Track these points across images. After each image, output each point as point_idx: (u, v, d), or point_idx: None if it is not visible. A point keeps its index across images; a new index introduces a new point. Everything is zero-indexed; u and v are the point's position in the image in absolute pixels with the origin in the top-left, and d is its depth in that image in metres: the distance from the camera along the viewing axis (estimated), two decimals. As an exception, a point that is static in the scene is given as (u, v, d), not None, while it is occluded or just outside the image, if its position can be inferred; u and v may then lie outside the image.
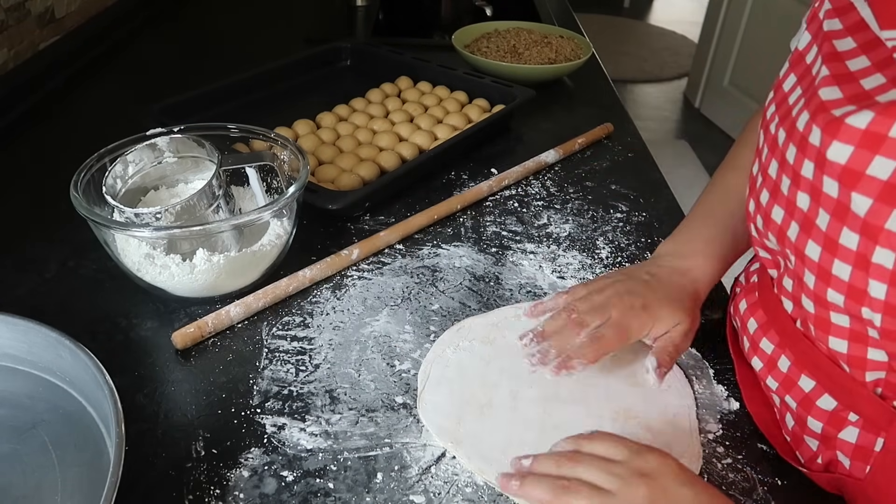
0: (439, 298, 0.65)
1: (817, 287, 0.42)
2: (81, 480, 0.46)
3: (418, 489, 0.47)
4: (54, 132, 0.93)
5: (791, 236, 0.43)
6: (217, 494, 0.46)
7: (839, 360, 0.44)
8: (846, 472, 0.47)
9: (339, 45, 1.15)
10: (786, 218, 0.44)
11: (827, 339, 0.44)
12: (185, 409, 0.52)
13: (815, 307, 0.43)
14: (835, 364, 0.45)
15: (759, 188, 0.48)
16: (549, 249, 0.72)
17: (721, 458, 0.50)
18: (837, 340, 0.43)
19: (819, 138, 0.38)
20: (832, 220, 0.39)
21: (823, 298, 0.42)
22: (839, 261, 0.39)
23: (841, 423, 0.46)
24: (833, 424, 0.47)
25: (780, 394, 0.50)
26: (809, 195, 0.41)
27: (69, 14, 1.15)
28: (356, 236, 0.73)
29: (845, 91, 0.38)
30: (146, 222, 0.57)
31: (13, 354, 0.53)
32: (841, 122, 0.37)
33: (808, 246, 0.41)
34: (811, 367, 0.47)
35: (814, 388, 0.47)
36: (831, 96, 0.39)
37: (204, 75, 1.08)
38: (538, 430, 0.51)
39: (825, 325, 0.43)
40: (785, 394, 0.50)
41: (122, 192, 0.62)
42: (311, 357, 0.57)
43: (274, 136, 0.69)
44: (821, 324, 0.44)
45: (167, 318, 0.61)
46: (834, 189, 0.38)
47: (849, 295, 0.40)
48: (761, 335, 0.52)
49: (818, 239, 0.41)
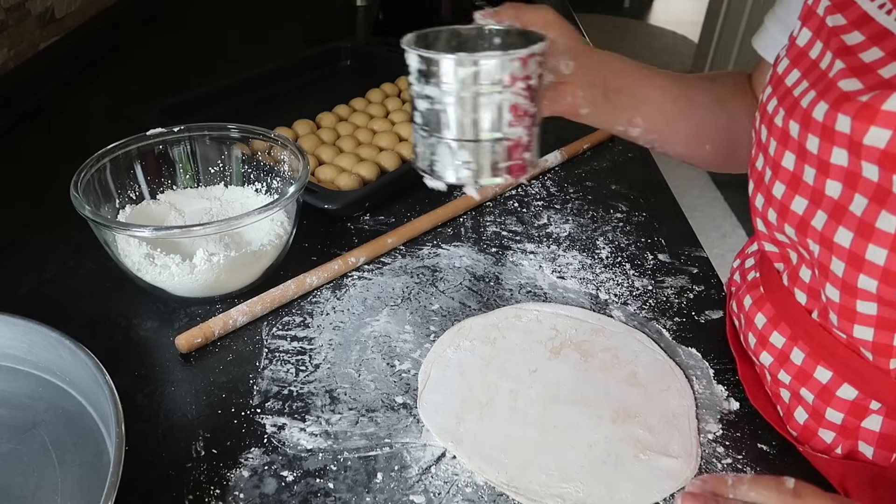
0: (439, 298, 0.65)
1: (847, 274, 0.42)
2: (81, 480, 0.46)
3: (418, 489, 0.47)
4: (54, 132, 0.93)
5: (816, 225, 0.43)
6: (217, 494, 0.46)
7: (862, 348, 0.45)
8: (868, 461, 0.47)
9: (339, 45, 1.15)
10: (809, 208, 0.44)
11: (851, 327, 0.44)
12: (185, 409, 0.52)
13: (842, 295, 0.43)
14: (854, 353, 0.45)
15: (770, 182, 0.48)
16: (549, 249, 0.72)
17: (721, 458, 0.50)
18: (863, 328, 0.43)
19: (849, 126, 0.39)
20: (870, 204, 0.39)
21: (852, 286, 0.42)
22: (874, 245, 0.40)
23: (863, 413, 0.46)
24: (854, 414, 0.47)
25: (794, 387, 0.50)
26: (842, 182, 0.41)
27: (69, 14, 1.15)
28: (356, 236, 0.73)
29: (865, 81, 0.39)
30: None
31: (13, 354, 0.53)
32: (875, 108, 0.37)
33: (837, 233, 0.42)
34: (828, 358, 0.47)
35: (831, 379, 0.47)
36: (852, 87, 0.39)
37: (204, 75, 1.08)
38: (538, 429, 0.51)
39: (850, 313, 0.43)
40: (800, 387, 0.50)
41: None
42: (311, 357, 0.57)
43: (274, 136, 0.69)
44: (845, 313, 0.44)
45: (167, 318, 0.61)
46: (874, 173, 0.39)
47: (883, 279, 0.40)
48: (771, 329, 0.52)
49: (850, 225, 0.41)
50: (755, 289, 0.55)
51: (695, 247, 0.74)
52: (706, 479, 0.43)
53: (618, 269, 0.70)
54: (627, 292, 0.66)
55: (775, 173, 0.47)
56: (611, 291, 0.66)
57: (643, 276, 0.69)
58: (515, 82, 0.45)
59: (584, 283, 0.68)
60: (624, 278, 0.68)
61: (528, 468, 0.48)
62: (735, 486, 0.42)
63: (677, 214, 0.80)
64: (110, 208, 0.65)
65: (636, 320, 0.63)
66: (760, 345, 0.53)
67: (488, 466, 0.48)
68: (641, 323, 0.63)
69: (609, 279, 0.68)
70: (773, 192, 0.48)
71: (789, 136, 0.45)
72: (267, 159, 0.71)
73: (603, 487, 0.47)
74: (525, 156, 0.48)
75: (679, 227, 0.78)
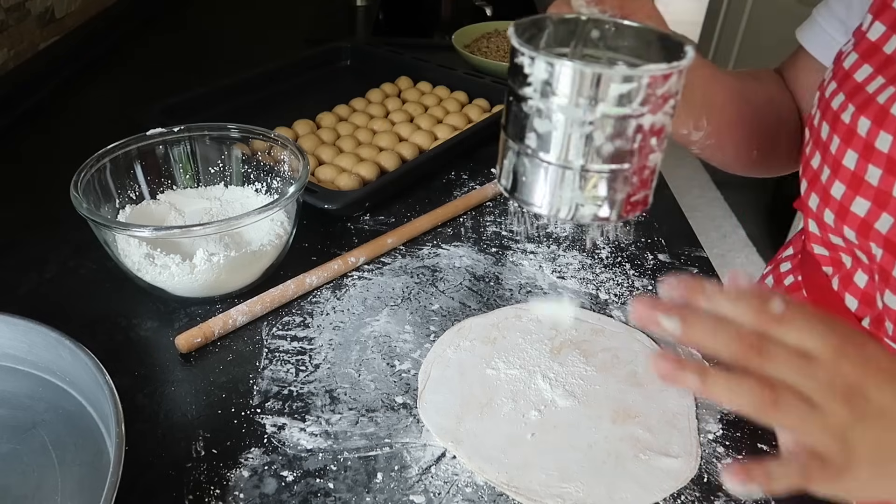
0: (439, 298, 0.65)
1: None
2: (81, 480, 0.46)
3: (418, 489, 0.47)
4: (54, 132, 0.93)
5: (880, 228, 0.42)
6: (217, 494, 0.46)
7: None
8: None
9: (339, 45, 1.15)
10: (873, 210, 0.42)
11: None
12: (185, 409, 0.52)
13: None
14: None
15: (829, 181, 0.46)
16: (549, 249, 0.72)
17: (721, 458, 0.50)
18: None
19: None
20: None
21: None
22: None
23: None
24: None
25: None
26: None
27: (69, 14, 1.15)
28: (356, 236, 0.73)
29: None
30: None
31: (13, 354, 0.53)
32: None
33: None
34: None
35: None
36: None
37: (204, 75, 1.08)
38: (538, 429, 0.51)
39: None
40: None
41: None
42: (311, 357, 0.57)
43: (274, 136, 0.69)
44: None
45: (167, 318, 0.61)
46: None
47: None
48: None
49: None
50: (796, 292, 0.53)
51: (695, 247, 0.74)
52: (679, 283, 0.35)
53: (618, 269, 0.70)
54: (627, 292, 0.66)
55: (834, 172, 0.45)
56: (611, 291, 0.66)
57: (643, 276, 0.69)
58: (668, 99, 0.36)
59: (584, 283, 0.68)
60: (624, 278, 0.68)
61: (528, 468, 0.48)
62: (712, 297, 0.34)
63: (677, 214, 0.80)
64: (110, 208, 0.65)
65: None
66: None
67: (488, 466, 0.48)
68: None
69: (609, 279, 0.68)
70: (832, 192, 0.45)
71: (855, 134, 0.43)
72: (267, 159, 0.71)
73: (603, 487, 0.47)
74: (653, 185, 0.40)
75: (679, 227, 0.78)
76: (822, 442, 0.32)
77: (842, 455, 0.32)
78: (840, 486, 0.34)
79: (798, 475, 0.33)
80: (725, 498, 0.47)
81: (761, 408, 0.32)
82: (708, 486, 0.48)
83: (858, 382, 0.32)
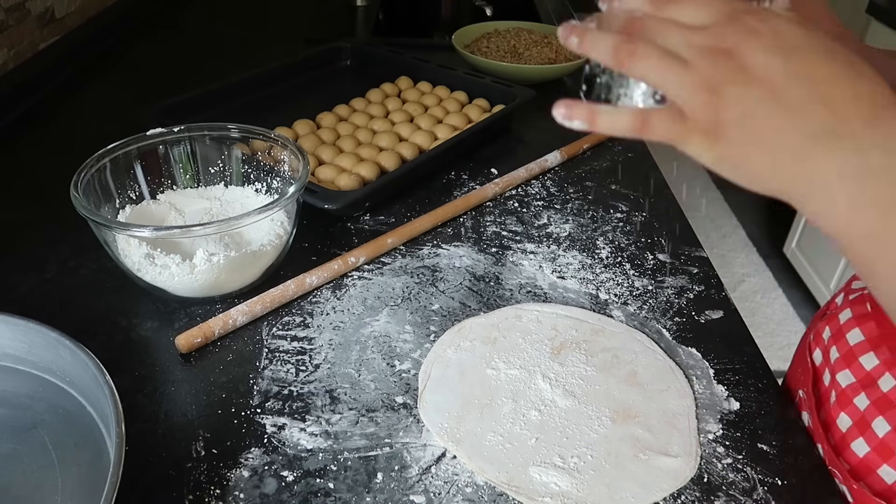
0: (439, 298, 0.65)
1: None
2: (81, 480, 0.46)
3: (418, 489, 0.47)
4: (54, 132, 0.93)
5: None
6: (217, 494, 0.46)
7: None
8: None
9: (339, 45, 1.15)
10: None
11: None
12: (186, 409, 0.52)
13: None
14: None
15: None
16: (549, 249, 0.72)
17: (721, 458, 0.50)
18: None
19: None
20: None
21: None
22: None
23: None
24: None
25: (869, 415, 0.47)
26: None
27: (69, 14, 1.15)
28: (356, 236, 0.73)
29: None
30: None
31: (13, 354, 0.53)
32: None
33: None
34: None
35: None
36: None
37: (204, 75, 1.08)
38: (539, 429, 0.51)
39: None
40: (876, 415, 0.46)
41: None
42: (311, 357, 0.57)
43: (274, 136, 0.69)
44: None
45: (167, 318, 0.61)
46: None
47: None
48: (868, 348, 0.48)
49: None
50: (861, 304, 0.51)
51: (695, 247, 0.74)
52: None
53: (618, 269, 0.70)
54: (627, 292, 0.66)
55: None
56: (611, 291, 0.66)
57: (643, 276, 0.69)
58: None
59: (584, 283, 0.68)
60: (624, 278, 0.68)
61: (528, 468, 0.48)
62: (661, 6, 0.33)
63: (677, 214, 0.80)
64: (110, 208, 0.65)
65: (636, 320, 0.63)
66: (844, 362, 0.49)
67: (488, 466, 0.48)
68: (641, 323, 0.63)
69: (609, 279, 0.68)
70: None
71: None
72: (267, 159, 0.71)
73: (603, 487, 0.47)
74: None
75: (679, 227, 0.78)
76: (682, 97, 0.32)
77: (705, 113, 0.32)
78: (711, 151, 0.34)
79: (638, 123, 0.33)
80: (725, 498, 0.47)
81: (616, 56, 0.32)
82: (708, 486, 0.48)
83: (741, 48, 0.30)
